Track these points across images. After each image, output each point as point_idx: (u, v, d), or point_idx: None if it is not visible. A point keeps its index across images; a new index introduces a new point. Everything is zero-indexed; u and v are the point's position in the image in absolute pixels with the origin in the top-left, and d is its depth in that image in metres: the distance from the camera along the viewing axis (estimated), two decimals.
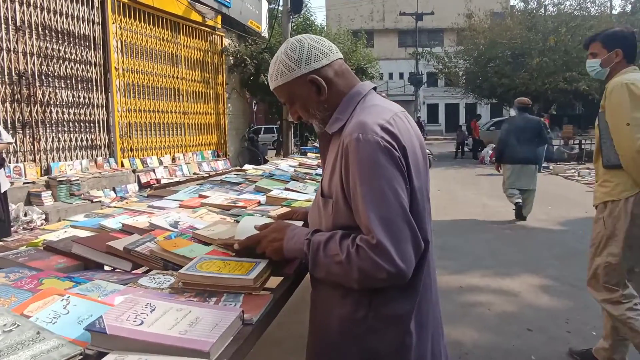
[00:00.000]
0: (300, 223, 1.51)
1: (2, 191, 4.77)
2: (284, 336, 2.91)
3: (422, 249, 1.16)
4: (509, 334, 3.32)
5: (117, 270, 1.47)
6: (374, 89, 1.35)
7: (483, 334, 3.33)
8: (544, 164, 13.20)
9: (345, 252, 1.13)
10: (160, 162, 9.42)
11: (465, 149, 19.57)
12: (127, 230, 1.82)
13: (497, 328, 3.41)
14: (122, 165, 8.51)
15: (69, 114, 7.61)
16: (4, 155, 5.33)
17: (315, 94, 1.28)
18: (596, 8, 19.87)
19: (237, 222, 1.85)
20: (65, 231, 1.87)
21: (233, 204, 2.23)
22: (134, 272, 1.45)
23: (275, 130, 18.81)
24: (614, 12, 21.73)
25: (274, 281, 1.32)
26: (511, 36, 18.70)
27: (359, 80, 1.35)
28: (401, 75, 34.88)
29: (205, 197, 2.46)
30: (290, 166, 3.74)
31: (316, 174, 3.16)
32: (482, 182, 11.49)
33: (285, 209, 2.02)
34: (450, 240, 5.74)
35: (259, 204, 2.31)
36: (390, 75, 35.24)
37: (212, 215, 2.03)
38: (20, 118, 6.83)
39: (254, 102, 14.23)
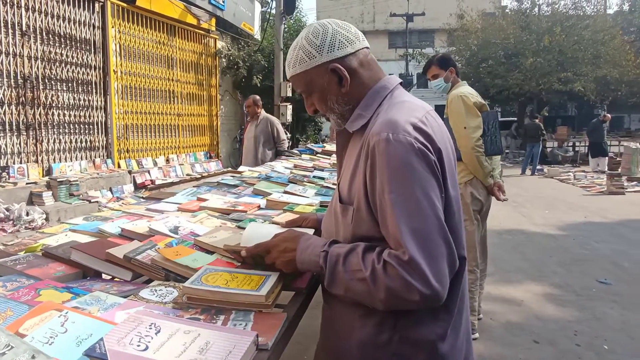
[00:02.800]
0: (311, 231, 1.32)
1: None
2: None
3: (456, 267, 0.98)
4: (516, 346, 3.10)
5: (116, 280, 1.35)
6: (401, 83, 1.17)
7: (488, 346, 3.09)
8: (538, 167, 13.17)
9: (370, 268, 0.95)
10: (155, 163, 9.21)
11: None
12: (126, 235, 1.70)
13: (503, 339, 3.19)
14: (119, 166, 8.30)
15: (69, 116, 7.42)
16: None
17: (336, 85, 1.10)
18: (592, 7, 19.12)
19: (239, 227, 1.74)
20: (66, 234, 1.73)
21: (233, 208, 2.11)
22: (134, 282, 1.33)
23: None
24: (610, 11, 21.23)
25: (284, 296, 1.16)
26: (504, 36, 17.82)
27: (385, 73, 1.16)
28: None
29: (204, 200, 2.33)
30: (286, 168, 3.62)
31: (314, 177, 3.05)
32: None
33: (291, 215, 1.88)
34: None
35: (259, 207, 2.19)
36: None
37: (213, 219, 1.91)
38: (25, 120, 6.68)
39: (244, 104, 14.01)
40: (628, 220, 6.83)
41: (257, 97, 6.09)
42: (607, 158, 12.61)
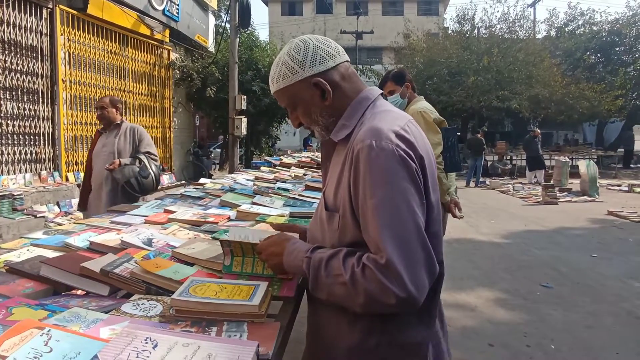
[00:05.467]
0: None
1: None
2: None
3: (436, 273, 0.99)
4: (472, 350, 3.18)
5: (92, 295, 1.28)
6: (382, 94, 1.19)
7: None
8: (481, 179, 13.72)
9: (350, 271, 0.96)
10: None
11: None
12: (96, 249, 1.61)
13: (460, 344, 3.24)
14: (67, 180, 7.84)
15: (13, 126, 6.92)
16: None
17: (319, 99, 1.11)
18: (524, 32, 20.41)
19: (215, 239, 1.69)
20: (28, 249, 1.62)
21: (203, 220, 2.06)
22: (111, 297, 1.26)
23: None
24: (539, 35, 22.55)
25: (273, 305, 1.14)
26: (448, 55, 18.59)
27: (365, 85, 1.19)
28: None
29: (171, 212, 2.26)
30: (248, 180, 3.57)
31: (278, 188, 3.03)
32: None
33: (265, 225, 1.85)
34: None
35: (229, 219, 2.14)
36: None
37: (185, 231, 1.85)
38: None
39: (197, 116, 13.73)
40: (563, 227, 7.28)
41: (117, 97, 4.13)
42: (543, 170, 13.35)
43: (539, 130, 14.42)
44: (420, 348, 1.05)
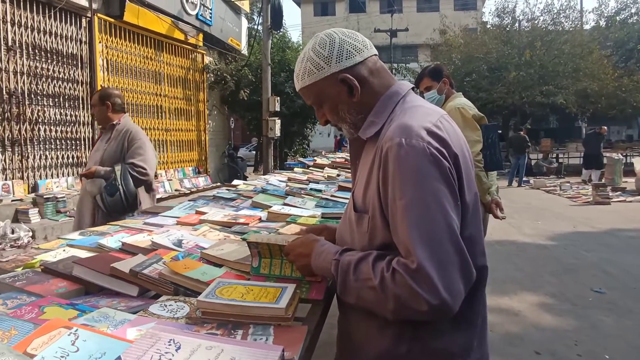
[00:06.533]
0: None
1: None
2: None
3: (473, 278, 0.94)
4: (517, 358, 3.05)
5: (122, 295, 1.30)
6: (413, 89, 1.14)
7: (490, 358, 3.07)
8: (524, 178, 13.26)
9: (379, 276, 0.92)
10: None
11: None
12: (127, 249, 1.64)
13: (503, 351, 3.12)
14: None
15: (56, 131, 7.29)
16: None
17: (346, 95, 1.07)
18: (570, 23, 19.44)
19: (245, 240, 1.69)
20: (64, 250, 1.67)
21: (234, 221, 2.06)
22: (141, 297, 1.27)
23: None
24: (587, 26, 21.42)
25: (301, 308, 1.11)
26: (487, 51, 17.99)
27: (395, 79, 1.14)
28: None
29: (203, 213, 2.28)
30: (281, 181, 3.58)
31: (311, 189, 3.01)
32: None
33: (295, 227, 1.84)
34: None
35: (260, 220, 2.14)
36: None
37: (215, 232, 1.86)
38: (10, 136, 6.54)
39: (232, 118, 13.98)
40: (615, 229, 6.91)
41: (111, 91, 3.25)
42: (600, 171, 12.56)
43: (605, 128, 13.74)
44: (455, 358, 1.01)
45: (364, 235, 1.04)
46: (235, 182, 3.83)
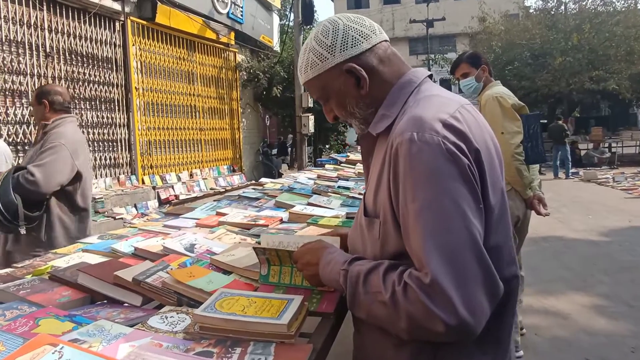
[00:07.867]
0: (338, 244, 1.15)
1: None
2: None
3: (500, 293, 0.81)
4: None
5: (126, 305, 1.24)
6: (430, 76, 1.02)
7: None
8: (573, 170, 12.65)
9: (390, 290, 0.81)
10: (179, 178, 9.26)
11: None
12: (139, 254, 1.59)
13: (550, 356, 2.96)
14: (143, 182, 8.36)
15: (93, 134, 7.52)
16: None
17: (353, 87, 0.97)
18: (622, 2, 18.28)
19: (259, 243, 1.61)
20: (79, 255, 1.64)
21: (253, 222, 1.98)
22: (144, 308, 1.21)
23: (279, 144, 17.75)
24: None
25: (310, 322, 1.01)
26: (530, 37, 17.18)
27: (409, 66, 1.02)
28: None
29: (223, 214, 2.22)
30: (309, 179, 3.49)
31: (339, 187, 2.90)
32: None
33: (315, 228, 1.74)
34: None
35: (282, 221, 2.06)
36: None
37: (232, 235, 1.79)
38: None
39: (267, 116, 14.04)
40: None
41: (50, 88, 2.76)
42: None
43: None
44: None
45: (375, 242, 0.93)
46: (262, 180, 3.77)
